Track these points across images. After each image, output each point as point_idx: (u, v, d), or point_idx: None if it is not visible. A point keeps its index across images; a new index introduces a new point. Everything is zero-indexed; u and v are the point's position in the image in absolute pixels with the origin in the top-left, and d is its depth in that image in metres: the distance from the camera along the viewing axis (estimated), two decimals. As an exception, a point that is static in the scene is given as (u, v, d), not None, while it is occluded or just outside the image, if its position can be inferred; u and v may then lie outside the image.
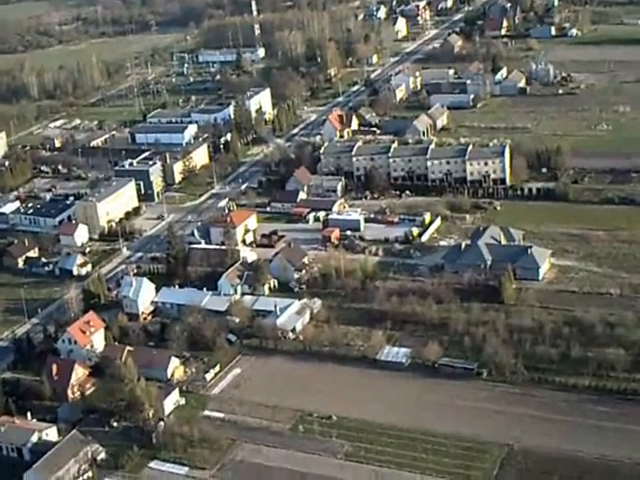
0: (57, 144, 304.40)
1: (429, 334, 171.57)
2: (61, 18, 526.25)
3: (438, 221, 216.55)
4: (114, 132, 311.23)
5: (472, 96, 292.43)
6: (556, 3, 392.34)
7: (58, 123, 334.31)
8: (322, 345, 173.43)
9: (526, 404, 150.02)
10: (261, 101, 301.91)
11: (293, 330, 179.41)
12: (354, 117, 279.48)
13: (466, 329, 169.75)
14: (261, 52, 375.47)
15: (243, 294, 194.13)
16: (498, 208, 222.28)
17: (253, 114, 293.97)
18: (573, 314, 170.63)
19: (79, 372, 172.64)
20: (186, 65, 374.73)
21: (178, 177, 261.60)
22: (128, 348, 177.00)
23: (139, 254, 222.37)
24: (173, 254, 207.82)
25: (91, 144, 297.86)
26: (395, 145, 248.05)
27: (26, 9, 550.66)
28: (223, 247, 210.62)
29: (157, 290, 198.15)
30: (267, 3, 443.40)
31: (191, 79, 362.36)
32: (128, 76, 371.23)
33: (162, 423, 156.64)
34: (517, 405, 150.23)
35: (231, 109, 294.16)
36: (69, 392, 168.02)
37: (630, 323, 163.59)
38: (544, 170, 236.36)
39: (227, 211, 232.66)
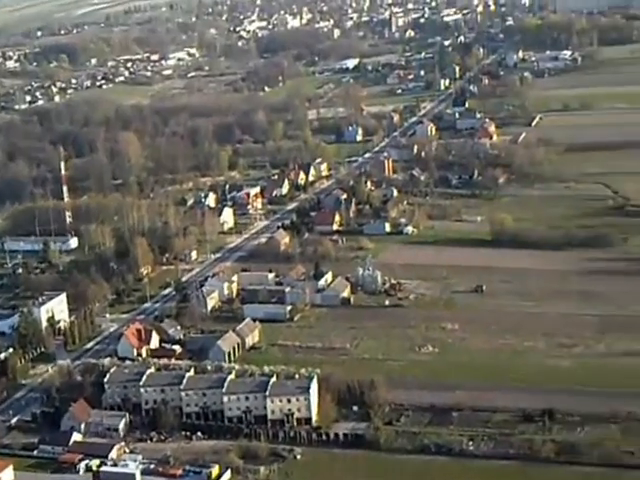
0: None
1: None
2: None
3: (228, 475, 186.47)
4: None
5: (289, 307, 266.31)
6: (395, 194, 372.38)
7: None
8: None
9: None
10: (54, 308, 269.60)
11: None
12: (154, 332, 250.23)
13: None
14: (73, 242, 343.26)
15: None
16: (298, 457, 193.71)
17: (44, 324, 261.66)
18: None
19: None
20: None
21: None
22: None
23: None
24: None
25: None
26: (190, 374, 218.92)
27: None
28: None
29: None
30: (94, 181, 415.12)
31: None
32: None
33: None
34: None
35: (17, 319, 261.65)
36: None
37: None
38: (355, 408, 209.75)
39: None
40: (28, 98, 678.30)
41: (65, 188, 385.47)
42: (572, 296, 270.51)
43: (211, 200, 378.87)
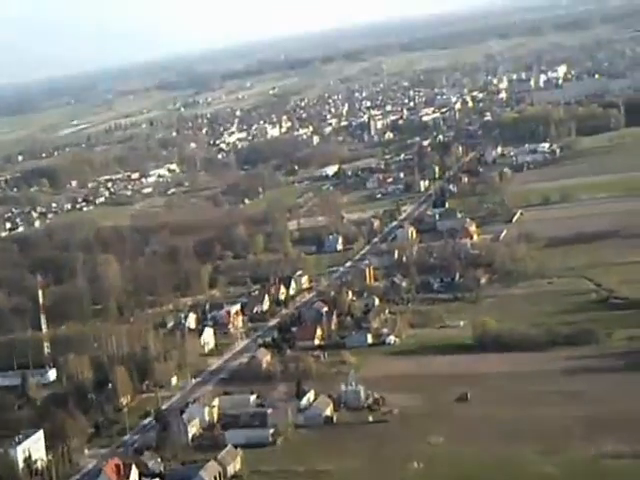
0: None
1: None
2: None
3: None
4: None
5: (272, 430, 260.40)
6: (377, 303, 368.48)
7: None
8: None
9: None
10: (31, 447, 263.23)
11: None
12: (134, 466, 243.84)
13: None
14: (52, 374, 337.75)
15: None
16: None
17: (20, 464, 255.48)
18: None
19: None
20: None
21: None
22: None
23: None
24: None
25: None
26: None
27: None
28: None
29: None
30: (74, 308, 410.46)
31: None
32: None
33: None
34: None
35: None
36: None
37: None
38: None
39: None
40: (8, 225, 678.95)
41: (43, 318, 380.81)
42: (558, 397, 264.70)
43: (191, 321, 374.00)
